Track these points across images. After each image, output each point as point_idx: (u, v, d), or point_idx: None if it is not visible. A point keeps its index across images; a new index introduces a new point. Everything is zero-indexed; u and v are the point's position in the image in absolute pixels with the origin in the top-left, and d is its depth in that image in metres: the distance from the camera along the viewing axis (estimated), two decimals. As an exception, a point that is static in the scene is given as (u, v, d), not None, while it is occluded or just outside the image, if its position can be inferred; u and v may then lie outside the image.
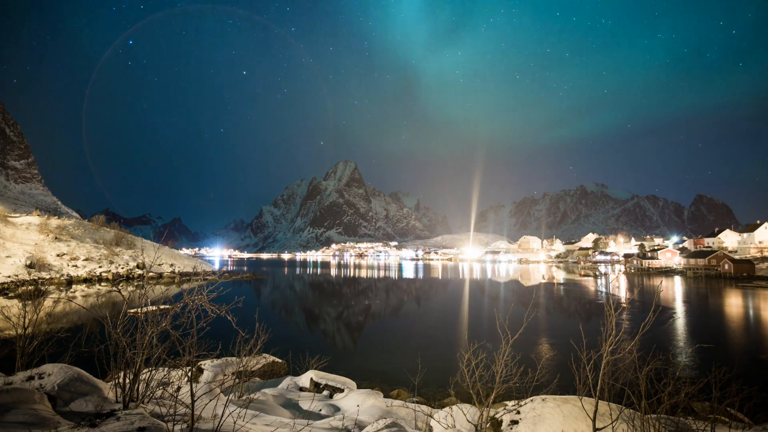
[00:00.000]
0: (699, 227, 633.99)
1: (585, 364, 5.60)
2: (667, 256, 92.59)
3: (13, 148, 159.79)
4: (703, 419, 6.10)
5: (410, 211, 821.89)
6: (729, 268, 67.51)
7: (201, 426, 5.03)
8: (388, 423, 6.26)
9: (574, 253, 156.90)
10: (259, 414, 6.63)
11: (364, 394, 8.86)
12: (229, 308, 5.90)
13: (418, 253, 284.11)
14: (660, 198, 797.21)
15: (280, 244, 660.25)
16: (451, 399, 9.87)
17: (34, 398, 4.80)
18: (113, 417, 4.50)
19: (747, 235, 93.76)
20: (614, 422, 5.38)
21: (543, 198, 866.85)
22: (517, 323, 6.80)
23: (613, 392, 5.60)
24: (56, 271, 46.31)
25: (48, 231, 55.29)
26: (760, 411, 7.11)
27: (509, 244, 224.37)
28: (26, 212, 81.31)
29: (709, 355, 14.73)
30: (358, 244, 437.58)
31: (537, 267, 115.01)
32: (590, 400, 5.80)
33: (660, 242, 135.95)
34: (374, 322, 26.47)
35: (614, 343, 5.32)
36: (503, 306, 32.20)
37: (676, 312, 29.58)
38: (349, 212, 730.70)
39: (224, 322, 5.83)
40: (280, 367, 11.78)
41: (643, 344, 5.40)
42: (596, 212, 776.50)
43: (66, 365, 6.15)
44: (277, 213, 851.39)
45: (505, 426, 6.32)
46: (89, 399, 5.56)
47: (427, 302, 37.64)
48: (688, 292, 45.43)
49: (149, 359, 5.75)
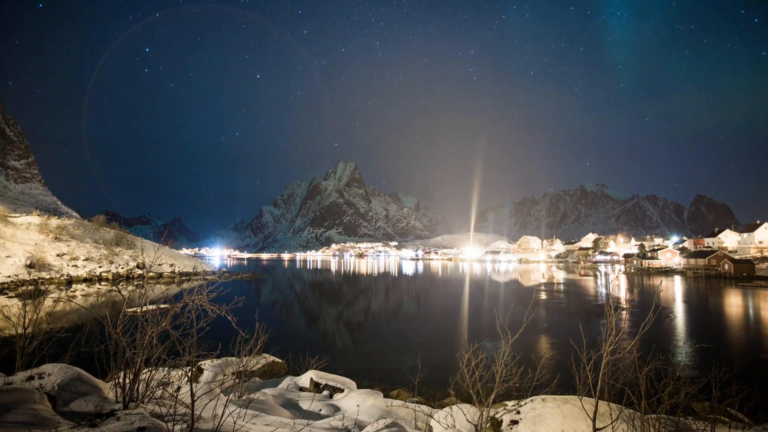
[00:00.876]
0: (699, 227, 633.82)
1: (585, 364, 5.60)
2: (667, 256, 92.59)
3: (13, 148, 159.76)
4: (703, 419, 6.10)
5: (410, 211, 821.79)
6: (729, 268, 67.49)
7: (201, 426, 5.03)
8: (388, 423, 6.26)
9: (574, 253, 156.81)
10: (259, 414, 6.63)
11: (364, 394, 8.86)
12: (229, 308, 5.90)
13: (418, 253, 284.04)
14: (660, 198, 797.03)
15: (280, 244, 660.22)
16: (451, 399, 9.87)
17: (34, 398, 4.80)
18: (113, 417, 4.50)
19: (747, 235, 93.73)
20: (614, 422, 5.38)
21: (543, 198, 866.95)
22: (517, 323, 6.80)
23: (613, 392, 5.60)
24: (56, 271, 46.31)
25: (48, 231, 55.29)
26: (760, 411, 7.11)
27: (509, 244, 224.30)
28: (26, 212, 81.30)
29: (709, 355, 14.73)
30: (358, 244, 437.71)
31: (537, 267, 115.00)
32: (590, 400, 5.80)
33: (660, 242, 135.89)
34: (374, 322, 26.46)
35: (614, 343, 5.32)
36: (503, 306, 32.20)
37: (676, 312, 29.59)
38: (349, 212, 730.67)
39: (224, 322, 5.83)
40: (280, 367, 11.78)
41: (643, 344, 5.40)
42: (596, 212, 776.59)
43: (66, 365, 6.15)
44: (277, 213, 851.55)
45: (505, 426, 6.32)
46: (89, 399, 5.56)
47: (427, 302, 37.64)
48: (688, 292, 45.43)
49: (149, 359, 5.75)
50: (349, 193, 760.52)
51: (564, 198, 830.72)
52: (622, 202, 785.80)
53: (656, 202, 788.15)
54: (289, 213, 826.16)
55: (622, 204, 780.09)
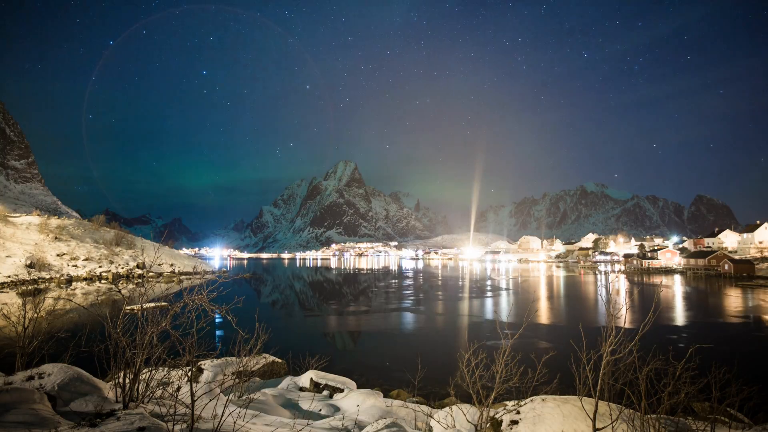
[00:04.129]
0: (699, 227, 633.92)
1: (585, 364, 5.60)
2: (667, 256, 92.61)
3: (13, 148, 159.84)
4: (703, 419, 6.10)
5: (410, 211, 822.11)
6: (729, 269, 67.49)
7: (201, 426, 5.03)
8: (388, 423, 6.26)
9: (574, 253, 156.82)
10: (259, 414, 6.63)
11: (364, 394, 8.86)
12: (229, 308, 5.90)
13: (418, 253, 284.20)
14: (660, 198, 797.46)
15: (280, 244, 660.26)
16: (451, 399, 9.86)
17: (34, 398, 4.80)
18: (113, 417, 4.50)
19: (747, 236, 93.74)
20: (614, 422, 5.38)
21: (543, 198, 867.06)
22: (517, 323, 6.80)
23: (613, 392, 5.59)
24: (56, 271, 46.31)
25: (48, 231, 55.29)
26: (760, 411, 7.11)
27: (509, 244, 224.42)
28: (26, 212, 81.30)
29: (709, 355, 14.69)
30: (358, 244, 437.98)
31: (537, 267, 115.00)
32: (590, 400, 5.79)
33: (660, 242, 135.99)
34: (374, 322, 26.46)
35: (614, 343, 5.32)
36: (503, 306, 32.20)
37: (676, 312, 29.59)
38: (349, 212, 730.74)
39: (224, 322, 5.83)
40: (280, 367, 11.78)
41: (643, 344, 5.40)
42: (596, 212, 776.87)
43: (66, 365, 6.15)
44: (277, 213, 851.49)
45: (505, 426, 6.32)
46: (89, 399, 5.56)
47: (427, 302, 37.63)
48: (688, 292, 45.44)
49: (149, 359, 5.75)
50: (349, 193, 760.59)
51: (564, 198, 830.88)
52: (622, 202, 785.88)
53: (656, 202, 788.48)
54: (289, 213, 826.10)
55: (622, 204, 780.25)
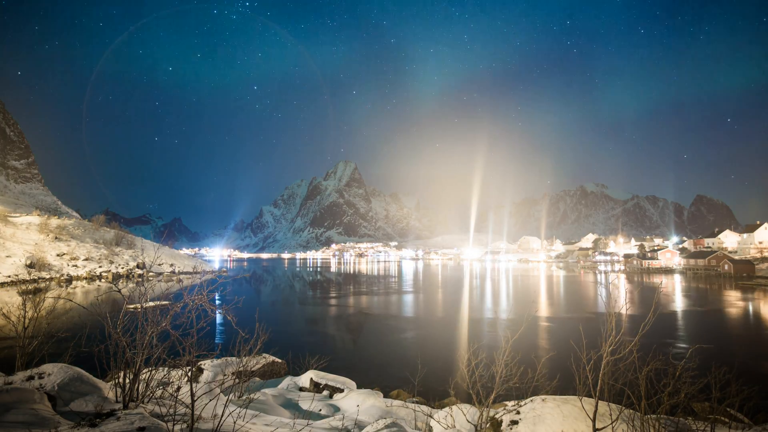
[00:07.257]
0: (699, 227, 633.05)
1: (585, 364, 5.60)
2: (667, 256, 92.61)
3: (13, 148, 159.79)
4: (703, 419, 6.09)
5: (410, 211, 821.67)
6: (729, 269, 67.49)
7: (201, 426, 5.03)
8: (387, 423, 6.26)
9: (574, 253, 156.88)
10: (259, 414, 6.63)
11: (364, 394, 8.85)
12: (229, 308, 5.90)
13: (418, 253, 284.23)
14: (660, 198, 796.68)
15: (280, 244, 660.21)
16: (451, 399, 9.86)
17: (34, 398, 4.80)
18: (113, 417, 4.50)
19: (747, 236, 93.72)
20: (614, 422, 5.38)
21: (543, 198, 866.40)
22: (517, 323, 6.79)
23: (613, 392, 5.60)
24: (56, 271, 46.31)
25: (48, 231, 55.30)
26: (760, 411, 7.11)
27: (509, 244, 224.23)
28: (26, 212, 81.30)
29: (709, 355, 14.69)
30: (358, 244, 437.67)
31: (537, 267, 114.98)
32: (590, 400, 5.80)
33: (660, 242, 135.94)
34: (374, 322, 26.45)
35: (614, 343, 5.32)
36: (503, 306, 32.19)
37: (676, 312, 29.58)
38: (349, 212, 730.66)
39: (224, 322, 5.83)
40: (280, 367, 11.78)
41: (643, 344, 5.40)
42: (596, 212, 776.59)
43: (66, 365, 6.14)
44: (277, 213, 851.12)
45: (505, 426, 6.32)
46: (89, 399, 5.56)
47: (427, 302, 37.64)
48: (688, 292, 45.43)
49: (149, 359, 5.74)
50: (349, 193, 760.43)
51: (564, 198, 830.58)
52: (622, 202, 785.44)
53: (656, 203, 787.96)
54: (289, 213, 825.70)
55: (622, 204, 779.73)
